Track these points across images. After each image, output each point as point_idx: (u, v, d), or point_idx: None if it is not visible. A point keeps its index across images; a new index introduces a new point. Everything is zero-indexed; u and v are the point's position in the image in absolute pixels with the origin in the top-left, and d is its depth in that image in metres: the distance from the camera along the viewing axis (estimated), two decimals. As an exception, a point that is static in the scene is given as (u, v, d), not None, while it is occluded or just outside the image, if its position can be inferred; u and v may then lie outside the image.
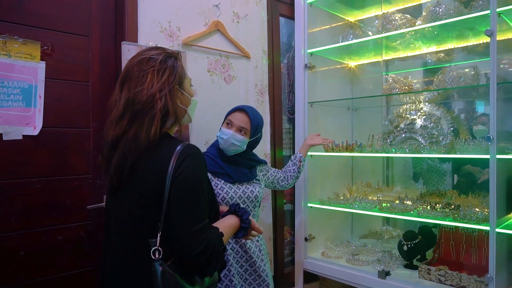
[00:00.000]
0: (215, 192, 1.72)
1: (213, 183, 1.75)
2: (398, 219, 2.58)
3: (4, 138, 1.56)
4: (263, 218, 2.39)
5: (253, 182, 1.89)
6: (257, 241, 1.89)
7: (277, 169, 2.08)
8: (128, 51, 1.78)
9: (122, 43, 1.78)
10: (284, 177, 2.07)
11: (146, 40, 1.86)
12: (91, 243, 1.78)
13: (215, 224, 1.16)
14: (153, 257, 1.02)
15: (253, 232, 1.35)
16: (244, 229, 1.28)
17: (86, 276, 1.76)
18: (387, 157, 2.69)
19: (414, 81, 2.51)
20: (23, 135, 1.61)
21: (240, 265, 1.80)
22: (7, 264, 1.55)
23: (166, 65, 1.15)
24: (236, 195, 1.79)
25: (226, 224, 1.22)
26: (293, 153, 2.62)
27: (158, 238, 1.03)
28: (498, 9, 1.76)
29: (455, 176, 2.58)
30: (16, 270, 1.57)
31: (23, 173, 1.61)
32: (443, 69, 2.24)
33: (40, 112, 1.65)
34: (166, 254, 1.04)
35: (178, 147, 1.08)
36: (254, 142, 1.88)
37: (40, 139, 1.65)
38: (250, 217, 1.31)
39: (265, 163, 2.02)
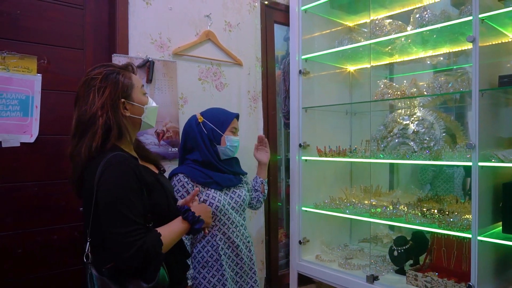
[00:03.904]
0: (208, 202, 1.78)
1: (204, 194, 1.79)
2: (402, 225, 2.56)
3: (3, 145, 1.70)
4: (255, 220, 2.45)
5: (239, 186, 1.95)
6: (248, 242, 1.94)
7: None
8: (119, 63, 1.89)
9: (113, 55, 1.89)
10: (257, 200, 2.10)
11: (136, 52, 1.97)
12: (84, 243, 1.91)
13: (158, 229, 1.21)
14: (85, 261, 1.13)
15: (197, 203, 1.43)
16: (195, 231, 1.33)
17: (79, 273, 1.88)
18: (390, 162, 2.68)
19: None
20: (21, 143, 1.75)
21: (232, 268, 1.86)
22: (4, 261, 1.70)
23: (107, 83, 1.24)
24: (225, 201, 1.84)
25: (170, 230, 1.25)
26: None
27: (88, 244, 1.14)
28: (481, 15, 1.74)
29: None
30: (12, 267, 1.72)
31: (20, 177, 1.76)
32: (434, 74, 2.22)
33: (37, 121, 1.79)
34: (104, 258, 1.13)
35: (106, 157, 1.16)
36: None
37: (36, 146, 1.79)
38: (188, 198, 1.41)
39: (246, 174, 2.06)
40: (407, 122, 2.36)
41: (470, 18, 1.77)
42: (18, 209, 1.75)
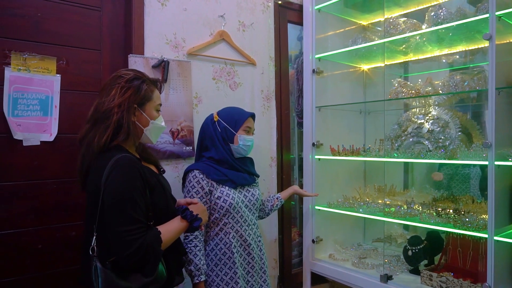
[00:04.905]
0: (222, 199, 1.81)
1: (218, 191, 1.82)
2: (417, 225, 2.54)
3: (24, 144, 1.76)
4: (269, 219, 2.46)
5: (253, 185, 1.98)
6: (259, 241, 1.95)
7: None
8: (135, 63, 1.93)
9: (129, 55, 1.93)
10: (261, 208, 2.11)
11: (152, 52, 2.00)
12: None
13: (158, 227, 1.27)
14: (90, 254, 1.17)
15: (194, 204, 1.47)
16: (193, 228, 1.38)
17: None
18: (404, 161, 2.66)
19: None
20: (41, 141, 1.80)
21: (243, 267, 1.88)
22: (25, 257, 1.75)
23: (131, 84, 1.30)
24: (239, 199, 1.86)
25: (169, 228, 1.31)
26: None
27: (94, 238, 1.19)
28: (498, 12, 1.72)
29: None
30: (33, 262, 1.77)
31: (40, 175, 1.80)
32: (450, 73, 2.20)
33: (56, 120, 1.84)
34: (107, 252, 1.18)
35: (114, 158, 1.21)
36: None
37: (55, 144, 1.83)
38: (184, 201, 1.47)
39: (258, 176, 2.08)
40: (422, 121, 2.34)
41: (487, 15, 1.75)
42: (38, 206, 1.80)
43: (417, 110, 2.44)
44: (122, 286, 1.15)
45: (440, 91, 2.13)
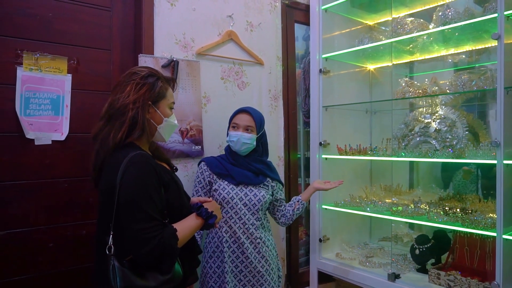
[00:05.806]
0: (218, 192, 1.87)
1: (217, 184, 1.89)
2: (423, 224, 2.55)
3: (36, 143, 1.77)
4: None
5: (260, 187, 1.94)
6: (258, 243, 1.90)
7: (284, 202, 2.08)
8: (145, 63, 1.95)
9: (139, 55, 1.94)
10: (282, 214, 2.06)
11: (161, 52, 2.01)
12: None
13: (174, 225, 1.26)
14: (107, 253, 1.17)
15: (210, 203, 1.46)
16: (208, 225, 1.38)
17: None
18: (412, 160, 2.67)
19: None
20: (52, 140, 1.81)
21: (235, 265, 1.86)
22: (38, 254, 1.77)
23: (146, 81, 1.30)
24: (237, 196, 1.88)
25: (185, 225, 1.30)
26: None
27: (111, 237, 1.18)
28: (506, 12, 1.73)
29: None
30: (45, 260, 1.79)
31: (51, 174, 1.82)
32: (457, 72, 2.21)
33: (67, 120, 1.85)
34: (125, 251, 1.18)
35: (129, 155, 1.21)
36: (261, 137, 1.98)
37: (66, 143, 1.85)
38: (197, 200, 1.46)
39: (282, 184, 2.08)
40: (429, 120, 2.35)
41: (495, 15, 1.76)
42: (50, 205, 1.81)
43: (424, 109, 2.45)
44: (140, 285, 1.15)
45: (448, 91, 2.14)
